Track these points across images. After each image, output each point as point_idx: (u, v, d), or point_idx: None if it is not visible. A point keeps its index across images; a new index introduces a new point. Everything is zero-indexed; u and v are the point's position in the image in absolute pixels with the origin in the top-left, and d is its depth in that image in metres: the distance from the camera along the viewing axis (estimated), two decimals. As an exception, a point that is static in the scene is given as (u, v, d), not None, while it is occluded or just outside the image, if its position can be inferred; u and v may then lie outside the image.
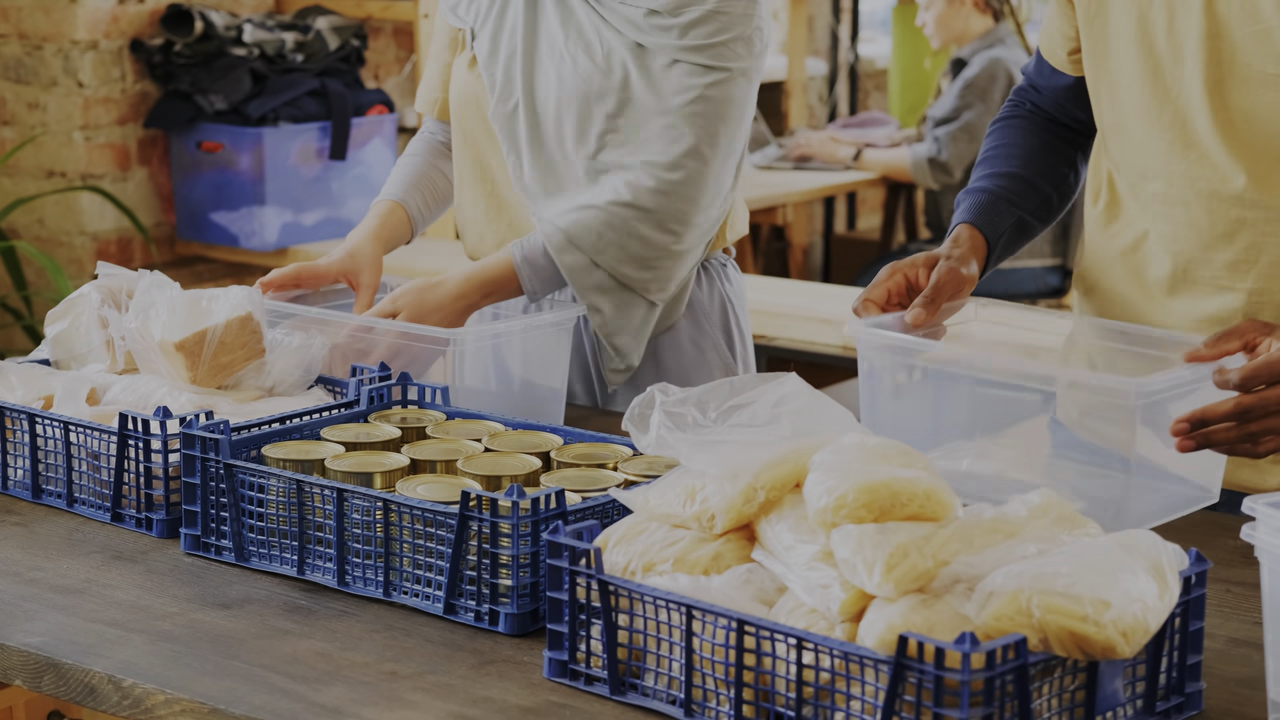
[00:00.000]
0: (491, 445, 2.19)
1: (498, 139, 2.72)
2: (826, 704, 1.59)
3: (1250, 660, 1.80)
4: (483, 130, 2.75)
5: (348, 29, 5.55)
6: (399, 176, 2.88)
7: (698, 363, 2.75)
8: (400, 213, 2.84)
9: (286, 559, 2.05)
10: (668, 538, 1.74)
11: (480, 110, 2.74)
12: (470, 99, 2.76)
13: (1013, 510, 1.67)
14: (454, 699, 1.74)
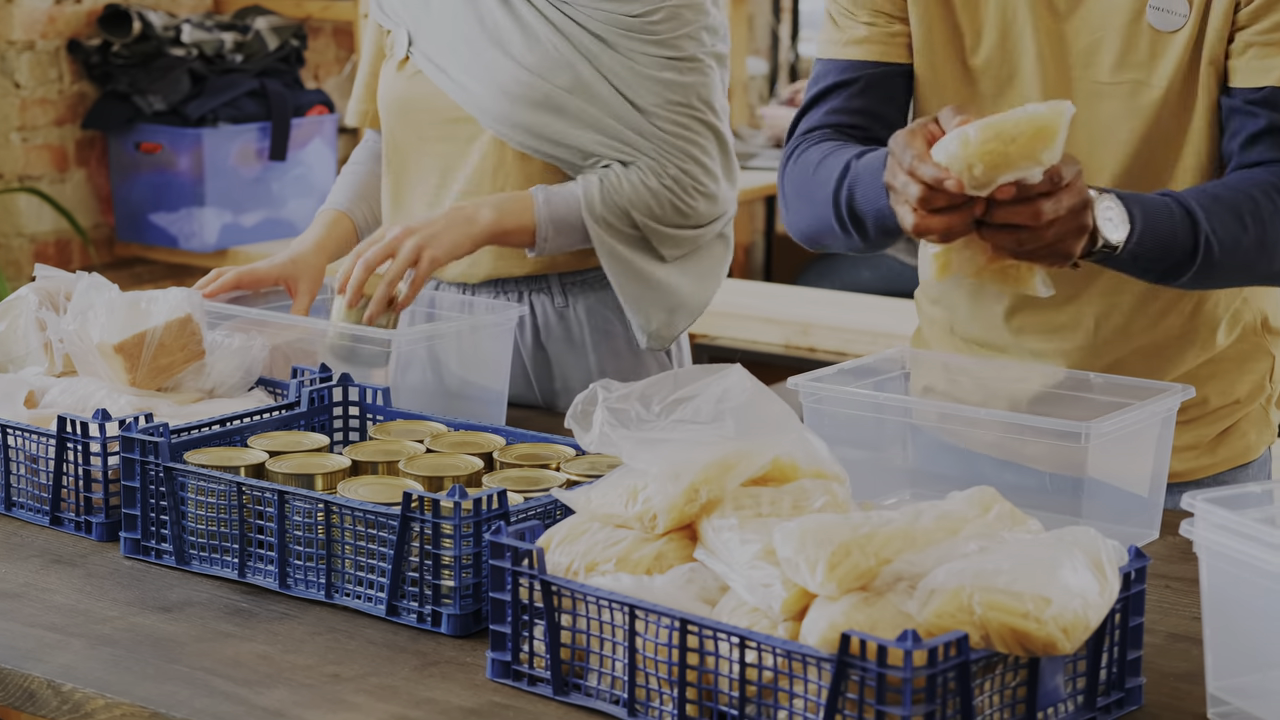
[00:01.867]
0: (433, 446, 2.18)
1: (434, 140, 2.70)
2: (769, 703, 1.60)
3: (1189, 655, 1.81)
4: (416, 135, 2.72)
5: (287, 29, 5.53)
6: (344, 185, 2.87)
7: (634, 366, 2.75)
8: (346, 222, 2.83)
9: (227, 562, 2.04)
10: (610, 538, 1.74)
11: (414, 114, 2.72)
12: (402, 103, 2.74)
13: (954, 508, 1.68)
14: (396, 701, 1.74)
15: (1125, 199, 1.96)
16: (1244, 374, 2.24)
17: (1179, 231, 1.99)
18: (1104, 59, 2.12)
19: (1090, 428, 1.93)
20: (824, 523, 1.60)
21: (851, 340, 4.62)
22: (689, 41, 2.64)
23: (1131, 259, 1.97)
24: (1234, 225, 2.01)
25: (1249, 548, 1.60)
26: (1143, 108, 2.11)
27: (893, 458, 2.14)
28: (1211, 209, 2.00)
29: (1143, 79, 2.10)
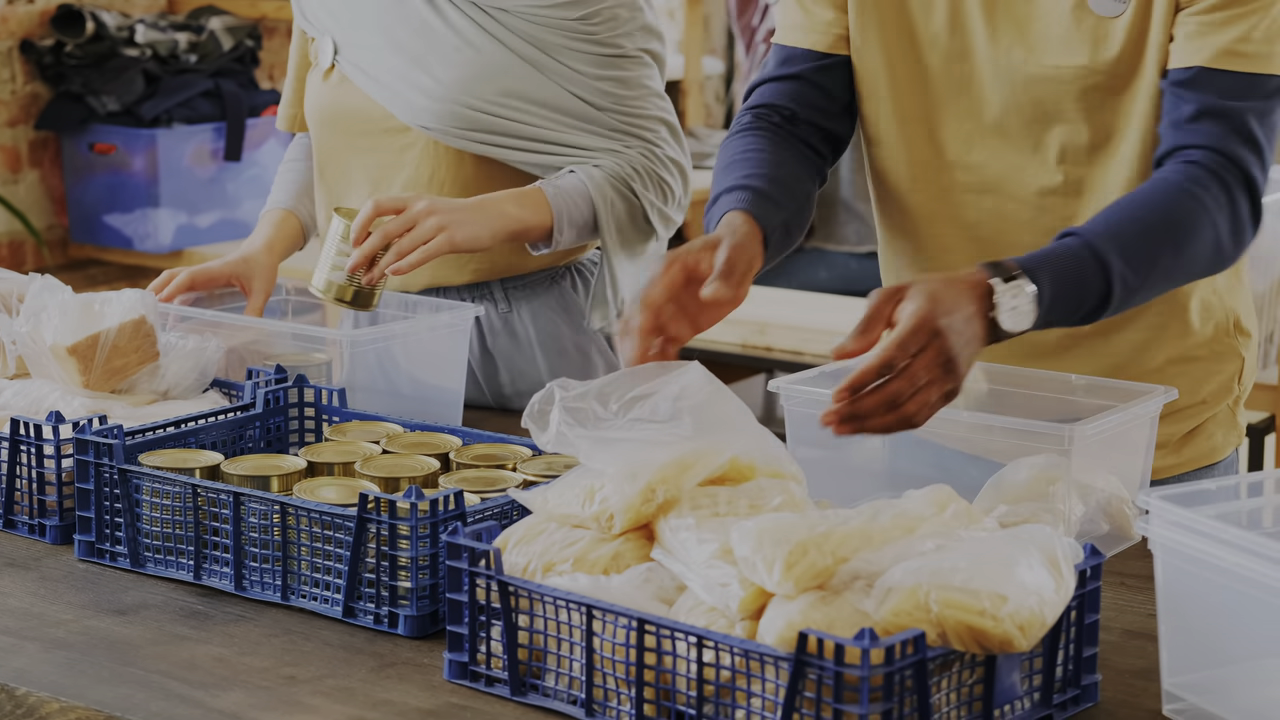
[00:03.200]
0: (389, 447, 2.18)
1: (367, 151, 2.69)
2: (727, 702, 1.60)
3: (1145, 652, 1.82)
4: (347, 146, 2.70)
5: (241, 29, 5.51)
6: (285, 184, 2.85)
7: (582, 367, 2.74)
8: (293, 220, 2.82)
9: (182, 564, 2.03)
10: (567, 538, 1.74)
11: (343, 124, 2.69)
12: (331, 113, 2.71)
13: (911, 506, 1.68)
14: (353, 702, 1.73)
15: (1036, 273, 1.89)
16: (1213, 374, 2.25)
17: (1090, 283, 1.94)
18: (1049, 44, 2.13)
19: (1074, 430, 1.94)
20: (781, 522, 1.61)
21: (808, 339, 4.63)
22: (627, 40, 2.65)
23: (1044, 325, 1.93)
24: (1149, 251, 1.98)
25: (1203, 544, 1.61)
26: (1085, 92, 2.12)
27: (874, 460, 2.14)
28: (1125, 242, 1.96)
29: (1085, 64, 2.11)
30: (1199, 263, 2.04)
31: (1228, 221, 2.03)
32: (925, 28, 2.19)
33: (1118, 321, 2.20)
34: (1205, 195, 2.01)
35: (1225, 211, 2.03)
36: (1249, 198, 2.05)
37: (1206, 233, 2.01)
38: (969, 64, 2.17)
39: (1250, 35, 2.03)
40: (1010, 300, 1.87)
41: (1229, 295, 2.24)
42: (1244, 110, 2.04)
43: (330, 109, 2.71)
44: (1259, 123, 2.04)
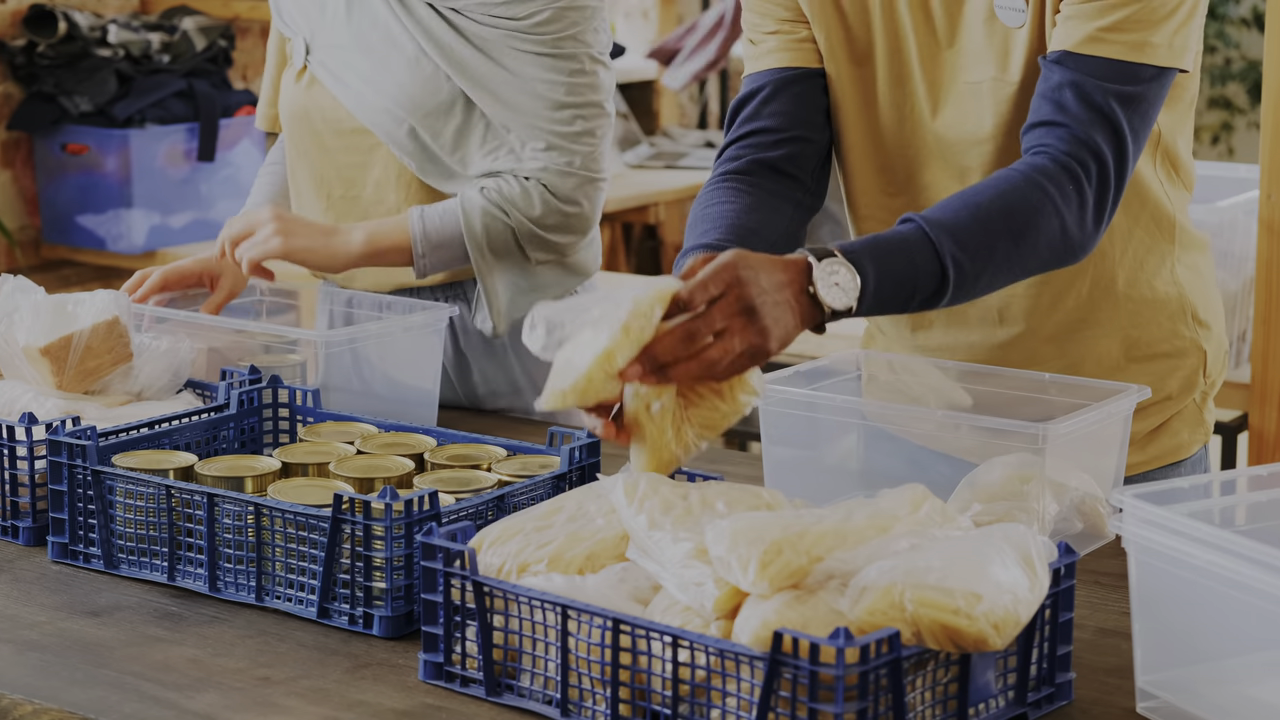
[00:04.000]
0: (364, 447, 2.18)
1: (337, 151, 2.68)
2: (703, 701, 1.60)
3: (1119, 650, 1.82)
4: (316, 146, 2.70)
5: (215, 29, 5.50)
6: (264, 186, 2.85)
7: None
8: None
9: (157, 565, 2.02)
10: (542, 538, 1.74)
11: (313, 124, 2.70)
12: (302, 113, 2.72)
13: (885, 506, 1.68)
14: (328, 703, 1.73)
15: (856, 254, 1.89)
16: (1174, 369, 2.26)
17: (921, 265, 1.94)
18: (969, 59, 2.16)
19: (1048, 429, 1.94)
20: (756, 521, 1.61)
21: (783, 339, 4.62)
22: (572, 43, 2.63)
23: (877, 307, 1.92)
24: (986, 238, 1.97)
25: (1177, 543, 1.62)
26: (1002, 102, 2.15)
27: (849, 459, 2.14)
28: (961, 228, 1.96)
29: (998, 75, 2.14)
30: (1043, 252, 2.02)
31: (1075, 213, 2.02)
32: (866, 55, 2.23)
33: (1067, 319, 2.22)
34: (1051, 186, 2.00)
35: (1073, 202, 2.02)
36: (1100, 188, 2.04)
37: (1049, 223, 2.00)
38: (908, 86, 2.21)
39: (1121, 24, 2.05)
40: (829, 276, 1.87)
41: (1185, 287, 2.25)
42: (1106, 94, 2.04)
43: (302, 109, 2.71)
44: (1122, 110, 2.04)
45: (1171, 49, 2.06)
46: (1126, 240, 2.20)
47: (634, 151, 6.64)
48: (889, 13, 2.20)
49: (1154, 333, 2.24)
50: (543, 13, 2.60)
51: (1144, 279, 2.22)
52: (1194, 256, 2.26)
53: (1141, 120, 2.06)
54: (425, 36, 2.62)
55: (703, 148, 6.79)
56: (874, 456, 2.14)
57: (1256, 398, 3.78)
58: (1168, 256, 2.23)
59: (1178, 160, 2.22)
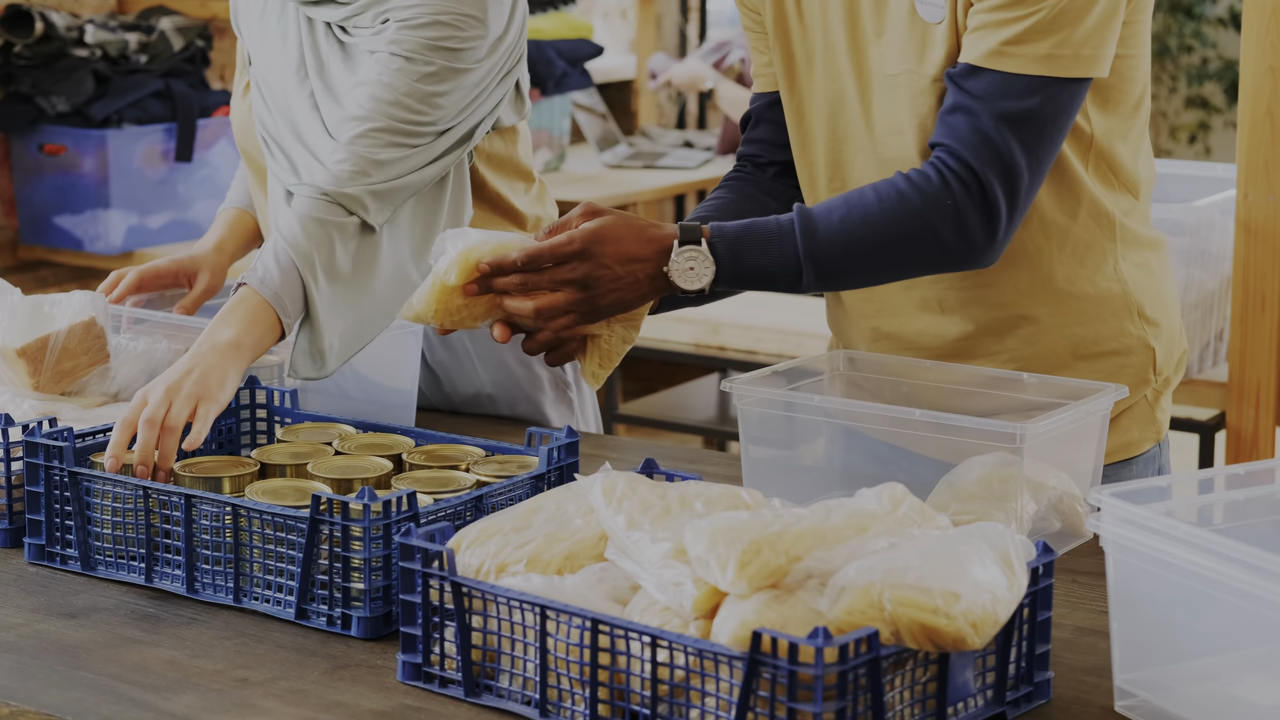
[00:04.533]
0: (342, 448, 2.17)
1: None
2: (682, 701, 1.60)
3: (1097, 649, 1.82)
4: (258, 166, 2.65)
5: (192, 29, 5.49)
6: (241, 183, 2.83)
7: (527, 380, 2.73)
8: (247, 219, 2.79)
9: (134, 567, 2.02)
10: (520, 539, 1.74)
11: (253, 142, 2.63)
12: (244, 126, 2.65)
13: (864, 505, 1.68)
14: (306, 705, 1.72)
15: (721, 242, 2.08)
16: (1122, 366, 2.26)
17: (780, 258, 2.09)
18: (890, 53, 2.18)
19: (1026, 428, 1.94)
20: (735, 521, 1.61)
21: (761, 339, 4.63)
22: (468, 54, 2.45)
23: (737, 287, 2.11)
24: (849, 240, 2.09)
25: (1154, 541, 1.62)
26: (917, 95, 2.17)
27: (827, 459, 2.15)
28: (830, 228, 2.09)
29: (914, 68, 2.17)
30: (917, 261, 2.13)
31: (951, 226, 2.09)
32: (805, 56, 2.27)
33: (1006, 313, 2.23)
34: (927, 202, 2.09)
35: (949, 216, 2.09)
36: (984, 209, 2.09)
37: (922, 235, 2.09)
38: (838, 84, 2.25)
39: (1025, 36, 2.07)
40: (685, 262, 2.07)
41: (1130, 284, 2.25)
42: (996, 119, 2.08)
43: (242, 126, 2.66)
44: (1013, 132, 2.08)
45: (1079, 59, 2.08)
46: (1064, 237, 2.22)
47: (612, 152, 6.64)
48: (823, 11, 2.24)
49: (1099, 330, 2.25)
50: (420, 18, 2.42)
51: (1085, 275, 2.23)
52: (1142, 254, 2.27)
53: (1038, 135, 2.09)
54: (311, 51, 2.53)
55: (681, 148, 6.79)
56: (852, 456, 2.14)
57: (1234, 396, 3.79)
58: (1110, 254, 2.24)
59: (1116, 164, 2.22)
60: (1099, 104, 2.18)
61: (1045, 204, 2.20)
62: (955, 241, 2.10)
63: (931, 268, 2.16)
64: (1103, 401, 2.06)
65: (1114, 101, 2.20)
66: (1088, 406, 2.04)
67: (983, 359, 2.25)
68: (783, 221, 2.10)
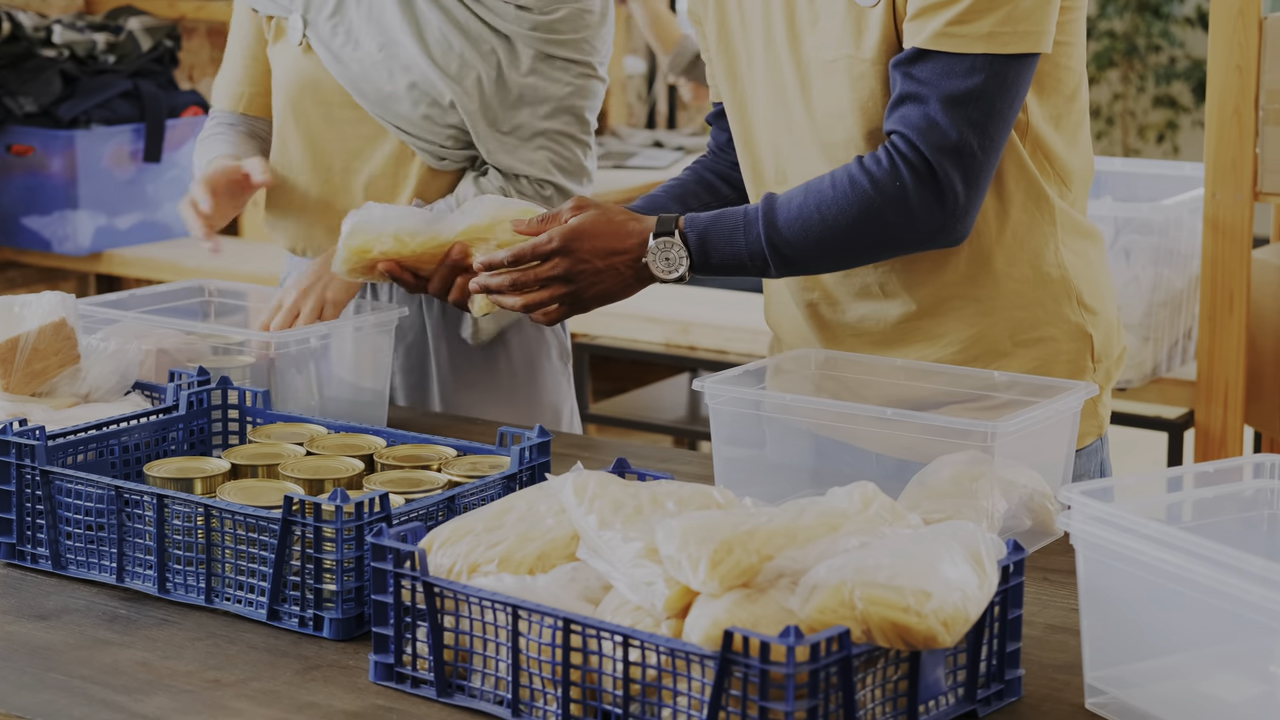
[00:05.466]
0: (314, 449, 2.17)
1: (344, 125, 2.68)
2: (654, 700, 1.60)
3: (1067, 646, 1.83)
4: (322, 116, 2.70)
5: (160, 29, 5.47)
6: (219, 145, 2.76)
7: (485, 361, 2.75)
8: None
9: (105, 566, 2.01)
10: (492, 538, 1.74)
11: (319, 95, 2.69)
12: (308, 84, 2.70)
13: (835, 504, 1.69)
14: (278, 705, 1.72)
15: (694, 232, 2.18)
16: (1060, 353, 2.27)
17: (747, 246, 2.17)
18: (828, 39, 2.21)
19: (996, 427, 1.95)
20: (706, 520, 1.61)
21: (732, 338, 4.64)
22: (586, 46, 2.65)
23: (711, 273, 2.20)
24: (807, 228, 2.15)
25: (1124, 539, 1.63)
26: (857, 79, 2.19)
27: (798, 458, 2.15)
28: (790, 218, 2.16)
29: (854, 53, 2.19)
30: (872, 244, 2.18)
31: (899, 210, 2.13)
32: (747, 52, 2.30)
33: (947, 293, 2.25)
34: (874, 186, 2.13)
35: (895, 201, 2.12)
36: (931, 189, 2.11)
37: (871, 219, 2.14)
38: (780, 75, 2.27)
39: (966, 15, 2.09)
40: (661, 252, 2.18)
41: (1070, 270, 2.27)
42: (944, 95, 2.11)
43: (309, 81, 2.70)
44: (959, 107, 2.11)
45: (1022, 34, 2.09)
46: (1003, 220, 2.23)
47: (582, 151, 6.63)
48: (764, 8, 2.27)
49: (1038, 314, 2.26)
50: (560, 8, 2.62)
51: (1025, 259, 2.25)
52: (1081, 243, 2.28)
53: (987, 114, 2.11)
54: (446, 20, 2.63)
55: (651, 147, 6.79)
56: (823, 455, 2.14)
57: (1202, 395, 3.80)
58: (1050, 238, 2.25)
59: (1051, 152, 2.24)
60: (1035, 90, 2.20)
61: None
62: (903, 225, 2.13)
63: (890, 250, 2.19)
64: (1073, 399, 2.07)
65: (1049, 89, 2.22)
66: (1058, 405, 2.05)
67: (924, 342, 2.27)
68: (749, 210, 2.18)
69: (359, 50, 2.65)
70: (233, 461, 2.12)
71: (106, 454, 2.17)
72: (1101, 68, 8.88)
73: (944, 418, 2.00)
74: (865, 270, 2.27)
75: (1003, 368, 2.25)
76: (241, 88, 2.82)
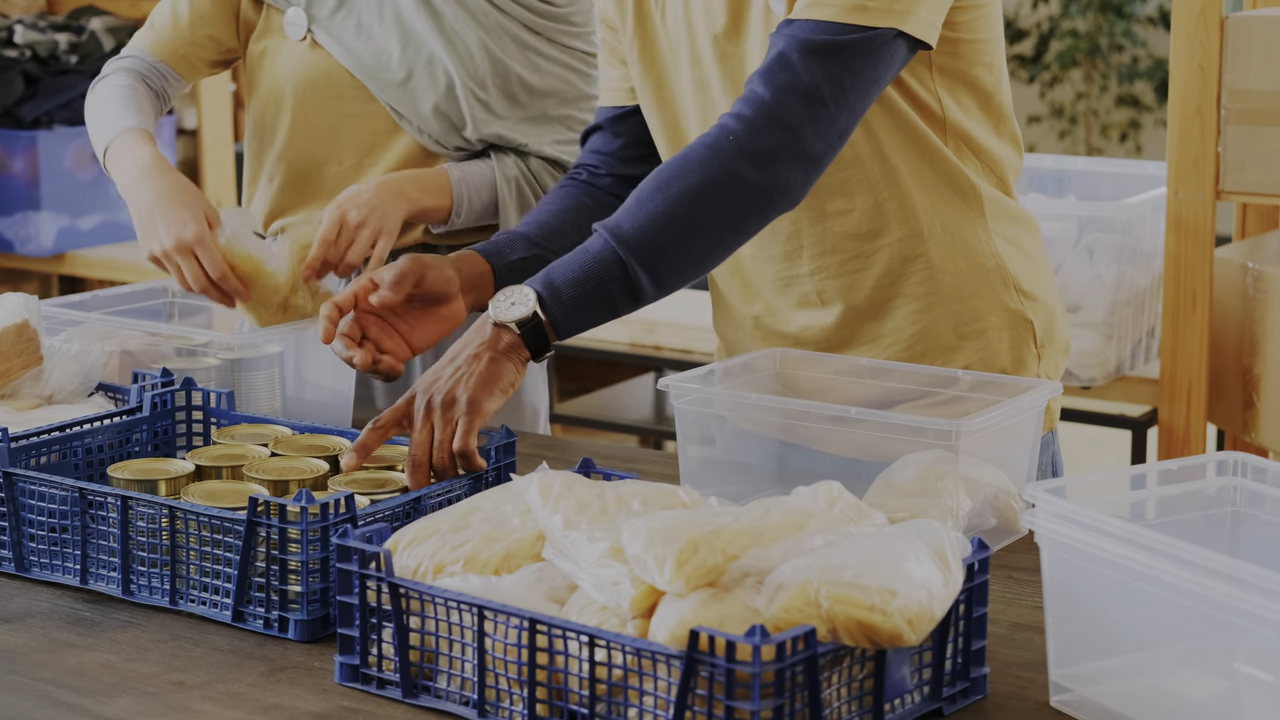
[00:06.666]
0: (278, 449, 2.17)
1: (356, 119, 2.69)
2: (620, 700, 1.60)
3: (1032, 644, 1.84)
4: (335, 110, 2.71)
5: (123, 29, 5.45)
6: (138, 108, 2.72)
7: None
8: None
9: (69, 569, 2.01)
10: (457, 539, 1.74)
11: (331, 89, 2.70)
12: (319, 79, 2.71)
13: (801, 503, 1.69)
14: (243, 707, 1.72)
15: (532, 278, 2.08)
16: (1002, 341, 2.28)
17: (600, 260, 2.06)
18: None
19: (961, 426, 1.96)
20: (672, 520, 1.61)
21: (697, 338, 4.64)
22: (594, 38, 2.69)
23: (580, 312, 2.06)
24: (641, 210, 2.07)
25: (1088, 537, 1.63)
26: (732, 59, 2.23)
27: (764, 458, 2.15)
28: (626, 215, 2.07)
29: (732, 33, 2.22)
30: (729, 207, 2.07)
31: (751, 165, 2.05)
32: (673, 67, 2.30)
33: (883, 294, 2.27)
34: (719, 147, 2.05)
35: (746, 158, 2.05)
36: (769, 132, 2.06)
37: (725, 183, 2.05)
38: (709, 93, 2.27)
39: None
40: (504, 301, 2.06)
41: (1005, 259, 2.28)
42: (804, 41, 2.07)
43: (321, 73, 2.71)
44: (816, 54, 2.06)
45: (891, 11, 2.07)
46: (931, 214, 2.24)
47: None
48: (688, 25, 2.27)
49: (977, 305, 2.27)
50: (576, 3, 2.70)
51: (959, 251, 2.26)
52: (1014, 230, 2.30)
53: (844, 69, 2.06)
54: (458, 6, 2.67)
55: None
56: (789, 454, 2.14)
57: (1165, 393, 3.82)
58: (982, 228, 2.26)
59: (976, 144, 2.26)
60: (948, 88, 2.22)
61: (910, 182, 2.23)
62: (756, 176, 2.06)
63: (749, 213, 2.08)
64: (1037, 398, 2.08)
65: (967, 85, 2.24)
66: (1022, 403, 2.06)
67: (867, 344, 2.28)
68: (588, 240, 2.10)
69: (372, 42, 2.67)
70: (197, 463, 2.12)
71: (70, 456, 2.16)
72: (1065, 67, 8.91)
73: (909, 417, 2.01)
74: (801, 279, 2.28)
75: (948, 362, 2.26)
76: (175, 40, 2.78)
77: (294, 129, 2.73)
